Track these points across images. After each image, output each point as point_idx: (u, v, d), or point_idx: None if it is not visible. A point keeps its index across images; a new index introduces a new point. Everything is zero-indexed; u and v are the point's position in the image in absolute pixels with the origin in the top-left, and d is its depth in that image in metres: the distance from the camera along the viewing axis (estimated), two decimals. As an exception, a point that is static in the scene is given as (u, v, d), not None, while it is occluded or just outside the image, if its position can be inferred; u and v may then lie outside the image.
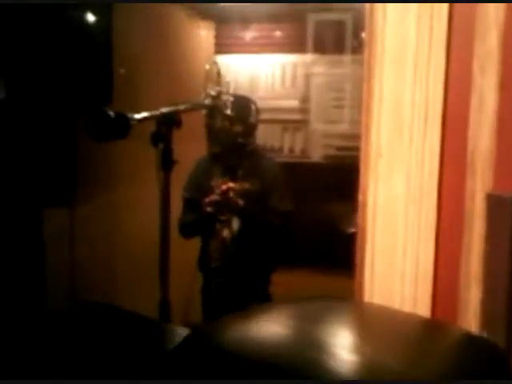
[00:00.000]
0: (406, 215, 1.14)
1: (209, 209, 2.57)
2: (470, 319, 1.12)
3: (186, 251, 2.96)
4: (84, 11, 3.54)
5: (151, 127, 1.77)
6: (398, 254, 1.14)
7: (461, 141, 1.13)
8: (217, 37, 3.72)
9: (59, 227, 3.52)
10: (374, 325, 0.80)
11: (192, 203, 2.78)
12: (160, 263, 1.90)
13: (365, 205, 1.16)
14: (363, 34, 1.17)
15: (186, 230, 2.78)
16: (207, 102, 2.14)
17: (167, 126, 1.88)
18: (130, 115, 1.80)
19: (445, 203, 1.14)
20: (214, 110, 2.17)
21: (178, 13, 3.61)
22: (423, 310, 1.14)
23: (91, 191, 3.60)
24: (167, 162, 1.87)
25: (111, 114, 1.87)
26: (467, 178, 1.12)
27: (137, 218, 3.24)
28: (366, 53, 1.16)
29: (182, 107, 1.96)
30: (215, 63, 2.36)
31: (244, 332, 0.77)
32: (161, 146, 1.86)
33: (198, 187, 2.72)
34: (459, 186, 1.13)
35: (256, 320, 0.81)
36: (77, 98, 3.23)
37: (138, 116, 1.83)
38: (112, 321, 1.32)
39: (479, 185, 1.11)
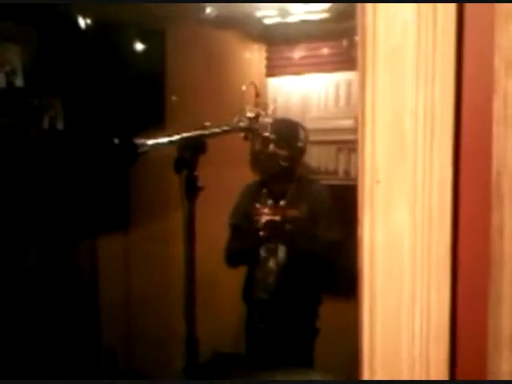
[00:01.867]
0: (412, 256, 0.86)
1: (262, 233, 2.40)
2: (502, 395, 0.83)
3: (233, 281, 2.77)
4: (137, 41, 3.49)
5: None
6: (404, 306, 0.86)
7: (481, 158, 0.84)
8: (268, 59, 3.54)
9: (114, 252, 3.45)
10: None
11: (238, 230, 2.61)
12: (185, 299, 1.71)
13: (361, 242, 0.89)
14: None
15: (232, 258, 2.62)
16: (243, 124, 1.96)
17: (190, 151, 1.71)
18: (138, 141, 1.64)
19: (463, 240, 0.85)
20: (252, 132, 1.97)
21: (228, 36, 3.46)
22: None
23: (145, 217, 3.50)
24: (191, 190, 1.68)
25: (115, 140, 1.71)
26: (493, 206, 0.83)
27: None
28: (358, 54, 0.90)
29: (206, 131, 1.78)
30: (252, 84, 2.17)
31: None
32: (185, 172, 1.69)
33: (245, 214, 2.54)
34: (481, 218, 0.84)
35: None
36: (130, 126, 3.16)
37: (150, 142, 1.65)
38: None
39: (509, 215, 0.82)
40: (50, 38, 3.30)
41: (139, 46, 3.38)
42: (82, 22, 3.23)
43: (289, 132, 2.59)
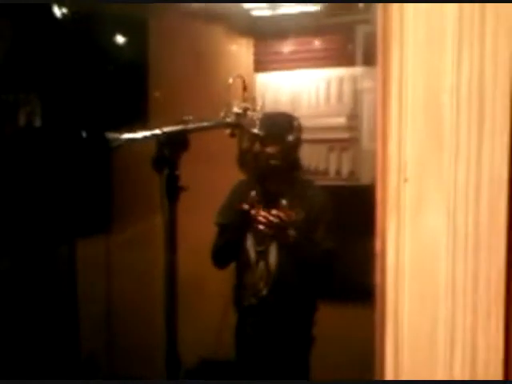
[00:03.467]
0: (451, 278, 0.64)
1: (261, 227, 2.20)
2: None
3: (220, 285, 2.57)
4: (118, 33, 3.26)
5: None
6: (440, 345, 0.64)
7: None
8: (256, 53, 3.32)
9: (94, 256, 3.23)
10: None
11: (226, 229, 2.39)
12: (166, 310, 1.50)
13: (383, 259, 0.67)
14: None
15: (217, 257, 2.40)
16: (229, 120, 1.74)
17: (171, 148, 1.50)
18: (110, 135, 1.42)
19: (520, 257, 0.64)
20: (239, 129, 1.76)
21: (215, 29, 3.24)
22: None
23: (128, 219, 3.28)
24: (172, 190, 1.47)
25: (83, 134, 1.50)
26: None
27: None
28: (379, 13, 0.68)
29: (189, 126, 1.57)
30: (239, 77, 1.96)
31: None
32: (166, 171, 1.48)
33: (234, 213, 2.32)
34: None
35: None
36: (111, 123, 2.93)
37: (124, 136, 1.44)
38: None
39: None
40: (26, 29, 3.05)
41: (120, 39, 3.14)
42: (59, 13, 2.98)
43: (279, 127, 2.36)
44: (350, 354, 2.54)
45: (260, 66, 3.30)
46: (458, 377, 0.62)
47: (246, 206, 2.18)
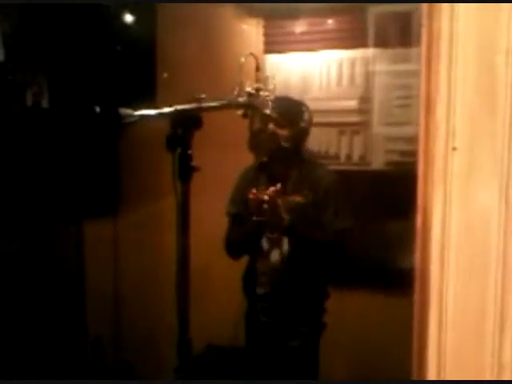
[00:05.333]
0: (503, 253, 0.59)
1: (255, 218, 2.12)
2: None
3: (230, 271, 2.52)
4: (127, 14, 3.20)
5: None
6: (489, 329, 0.59)
7: None
8: (266, 35, 3.24)
9: (102, 238, 3.19)
10: None
11: (238, 218, 2.33)
12: (177, 295, 1.45)
13: (427, 234, 0.61)
14: None
15: (233, 249, 2.34)
16: (242, 100, 1.68)
17: (184, 127, 1.45)
18: (123, 111, 1.37)
19: None
20: (252, 109, 1.70)
21: (224, 12, 3.17)
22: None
23: (136, 201, 3.24)
24: (185, 170, 1.42)
25: (97, 109, 1.45)
26: None
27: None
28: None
29: (203, 105, 1.52)
30: (252, 55, 1.90)
31: None
32: (178, 150, 1.43)
33: (243, 201, 2.26)
34: None
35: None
36: (120, 103, 2.87)
37: (137, 113, 1.39)
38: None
39: None
40: (34, 9, 2.99)
41: (129, 18, 3.08)
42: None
43: (291, 110, 2.30)
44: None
45: (270, 47, 3.21)
46: (508, 363, 0.57)
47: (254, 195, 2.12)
